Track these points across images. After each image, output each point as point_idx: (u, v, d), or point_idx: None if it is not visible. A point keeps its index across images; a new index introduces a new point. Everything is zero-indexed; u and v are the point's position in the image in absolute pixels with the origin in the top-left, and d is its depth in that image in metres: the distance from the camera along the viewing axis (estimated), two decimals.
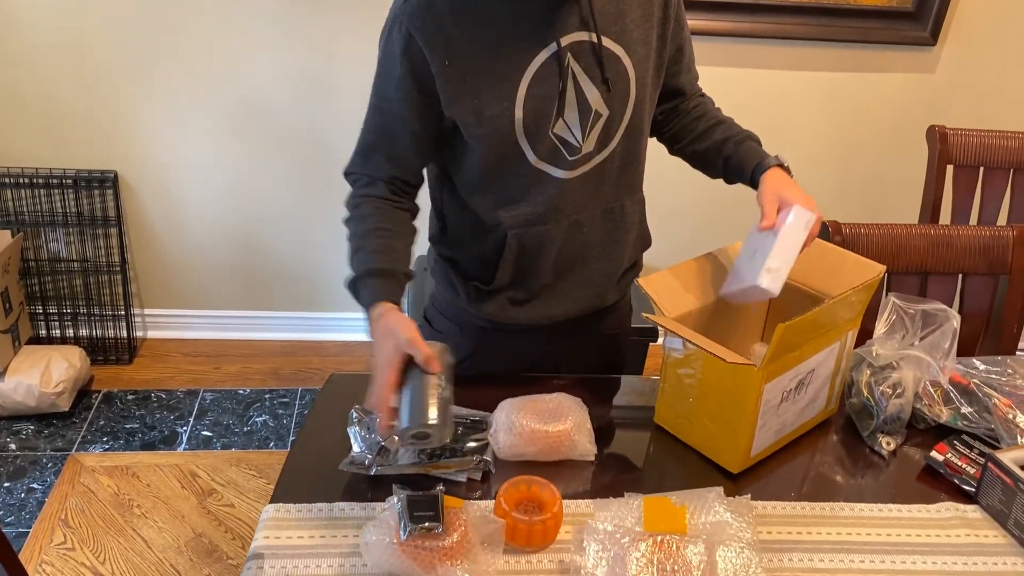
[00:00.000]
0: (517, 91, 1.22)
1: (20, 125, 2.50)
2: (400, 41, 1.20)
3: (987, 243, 1.67)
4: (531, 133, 1.25)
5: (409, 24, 1.20)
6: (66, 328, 2.75)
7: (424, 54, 1.20)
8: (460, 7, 1.20)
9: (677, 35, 1.36)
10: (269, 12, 2.39)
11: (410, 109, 1.24)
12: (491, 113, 1.23)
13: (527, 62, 1.22)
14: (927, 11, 2.51)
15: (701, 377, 1.27)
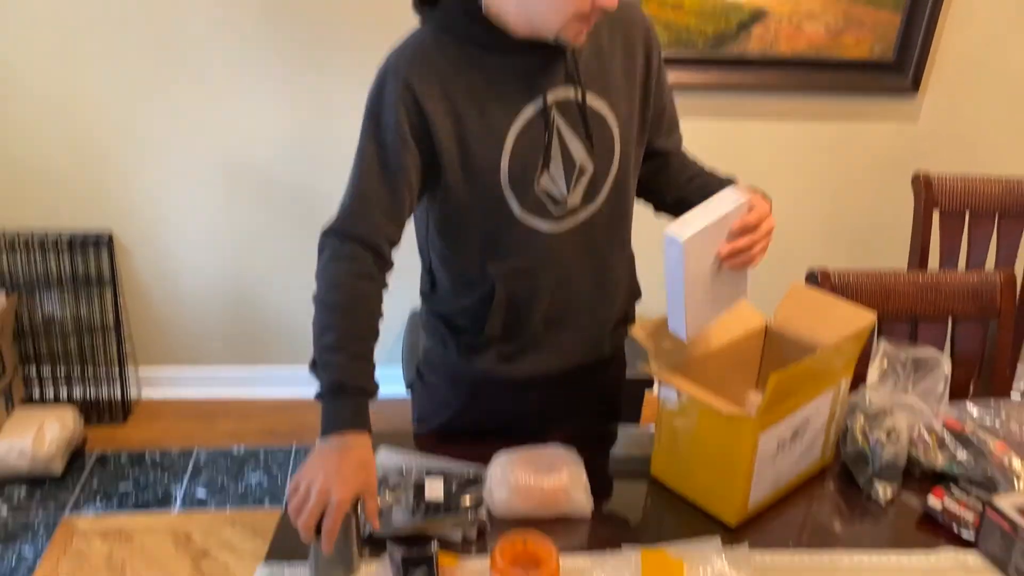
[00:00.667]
0: (504, 143, 1.25)
1: (15, 188, 2.52)
2: (395, 90, 1.22)
3: (975, 288, 1.69)
4: (516, 186, 1.27)
5: (405, 73, 1.22)
6: (60, 389, 2.74)
7: (419, 103, 1.22)
8: (453, 58, 1.24)
9: (659, 97, 1.40)
10: (262, 73, 2.43)
11: (407, 155, 1.24)
12: (479, 163, 1.25)
13: (515, 115, 1.25)
14: (907, 62, 2.57)
15: (697, 427, 1.27)
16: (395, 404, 2.89)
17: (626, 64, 1.32)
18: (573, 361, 1.46)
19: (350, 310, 1.26)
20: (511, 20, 1.23)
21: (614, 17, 1.32)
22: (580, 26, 1.20)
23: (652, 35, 1.36)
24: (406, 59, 1.23)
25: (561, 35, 1.20)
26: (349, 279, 1.26)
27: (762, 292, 1.70)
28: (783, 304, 1.43)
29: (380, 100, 1.25)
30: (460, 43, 1.25)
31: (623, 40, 1.33)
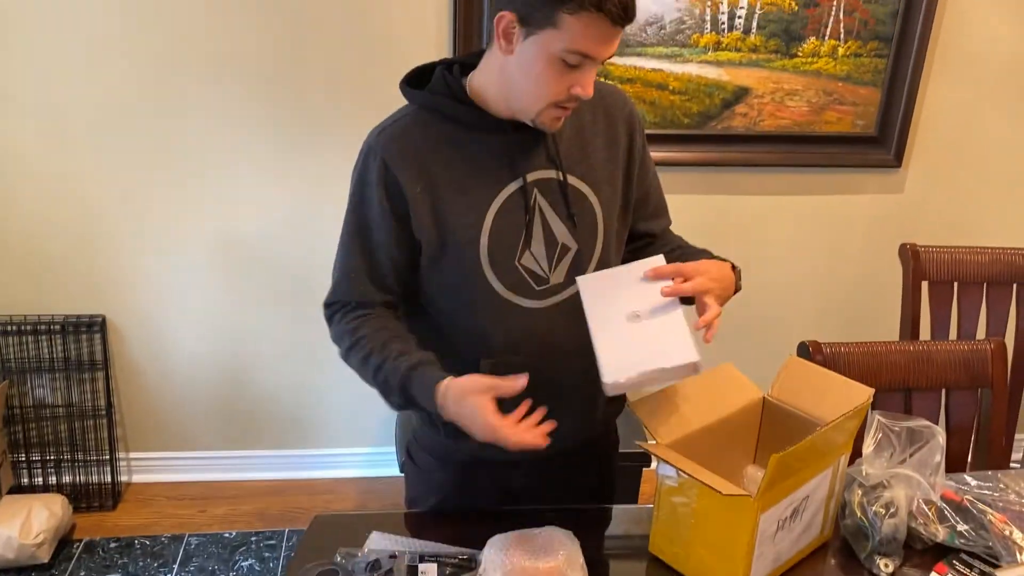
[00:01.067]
0: (484, 220, 1.28)
1: (7, 272, 2.53)
2: (376, 169, 1.27)
3: (967, 357, 1.70)
4: (496, 263, 1.29)
5: (384, 152, 1.27)
6: (49, 475, 2.70)
7: (398, 181, 1.26)
8: (432, 137, 1.28)
9: (643, 181, 1.43)
10: (256, 155, 2.47)
11: (389, 233, 1.29)
12: (458, 240, 1.28)
13: (494, 194, 1.28)
14: (889, 136, 2.62)
15: (696, 506, 1.26)
16: (388, 483, 2.87)
17: (608, 147, 1.36)
18: (563, 441, 1.44)
19: (376, 334, 1.31)
20: (492, 102, 1.28)
21: (596, 101, 1.36)
22: (557, 112, 1.24)
23: (635, 119, 1.40)
24: (386, 137, 1.28)
25: (538, 120, 1.25)
26: (364, 322, 1.33)
27: (759, 365, 1.70)
28: (780, 377, 1.43)
29: (361, 177, 1.30)
30: (443, 121, 1.29)
31: (605, 123, 1.36)
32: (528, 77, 1.20)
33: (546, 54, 1.17)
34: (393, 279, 1.34)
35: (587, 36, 1.15)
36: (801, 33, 2.47)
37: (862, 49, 2.52)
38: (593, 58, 1.18)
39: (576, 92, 1.20)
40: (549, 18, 1.14)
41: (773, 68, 2.50)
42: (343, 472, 2.88)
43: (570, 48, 1.16)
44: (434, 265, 1.31)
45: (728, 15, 2.43)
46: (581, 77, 1.19)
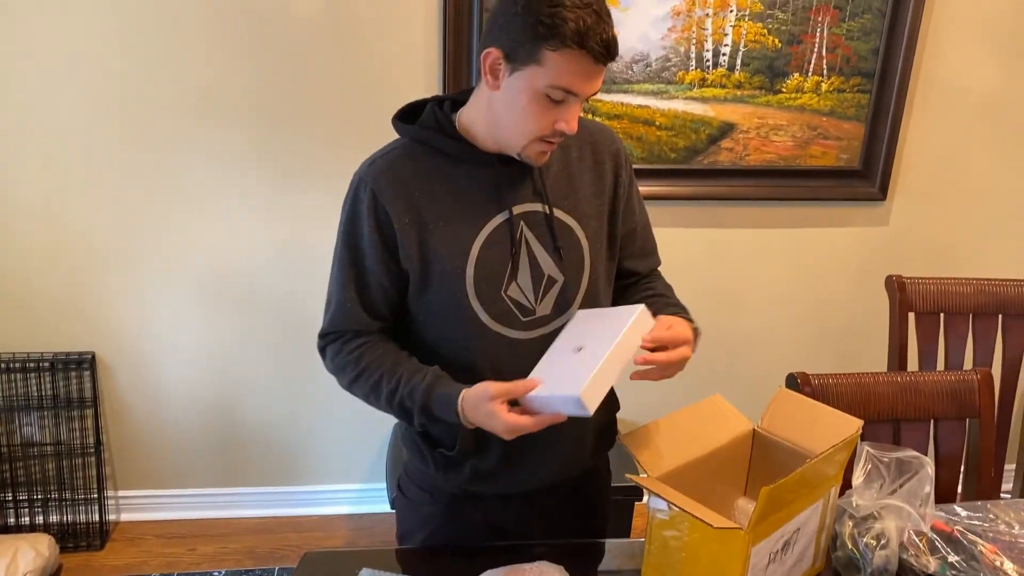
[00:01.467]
0: (470, 252, 1.30)
1: None
2: (366, 199, 1.30)
3: (954, 387, 1.71)
4: (482, 293, 1.31)
5: (373, 183, 1.30)
6: (36, 515, 2.67)
7: (387, 211, 1.29)
8: (421, 169, 1.31)
9: (628, 218, 1.45)
10: (246, 191, 2.48)
11: (380, 262, 1.32)
12: (444, 270, 1.30)
13: (480, 226, 1.31)
14: (874, 169, 2.66)
15: (688, 540, 1.26)
16: (378, 520, 2.85)
17: (595, 182, 1.39)
18: (551, 477, 1.45)
19: (380, 360, 1.35)
20: (480, 136, 1.31)
21: (585, 137, 1.39)
22: (542, 147, 1.27)
23: (621, 156, 1.43)
24: (375, 169, 1.32)
25: (524, 154, 1.28)
26: (365, 351, 1.36)
27: (748, 397, 1.71)
28: (769, 409, 1.44)
29: (352, 208, 1.33)
30: (432, 155, 1.32)
31: (592, 159, 1.39)
32: (513, 112, 1.23)
33: (531, 90, 1.20)
34: (386, 307, 1.37)
35: (570, 72, 1.17)
36: (785, 69, 2.51)
37: (845, 85, 2.56)
38: (576, 94, 1.20)
39: (560, 127, 1.23)
40: (533, 55, 1.17)
41: (758, 104, 2.54)
42: (333, 509, 2.86)
43: (553, 84, 1.18)
44: (422, 294, 1.34)
45: (713, 52, 2.47)
46: (565, 113, 1.22)
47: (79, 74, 2.33)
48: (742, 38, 2.47)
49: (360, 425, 2.77)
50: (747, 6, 2.44)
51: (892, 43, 2.52)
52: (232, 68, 2.37)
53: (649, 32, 2.43)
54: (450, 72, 2.38)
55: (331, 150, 2.46)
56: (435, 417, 1.31)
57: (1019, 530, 1.44)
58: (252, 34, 2.34)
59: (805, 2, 2.46)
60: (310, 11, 2.34)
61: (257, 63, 2.37)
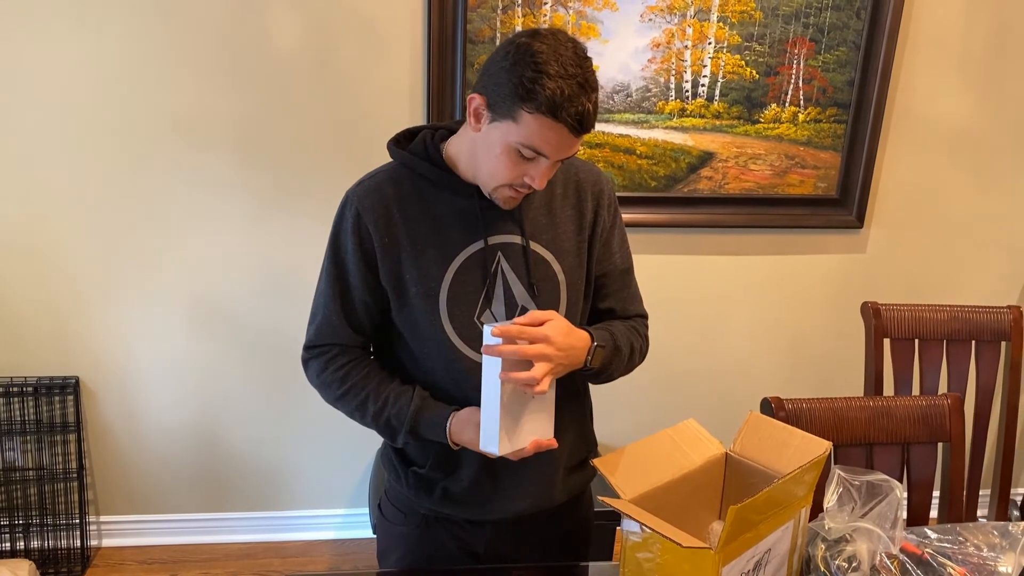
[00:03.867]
0: (444, 276, 1.34)
1: None
2: (351, 218, 1.36)
3: (925, 412, 1.74)
4: (455, 317, 1.35)
5: (358, 203, 1.36)
6: (17, 540, 2.66)
7: (369, 231, 1.35)
8: (403, 193, 1.36)
9: (606, 259, 1.47)
10: (229, 218, 2.50)
11: (362, 279, 1.37)
12: (419, 291, 1.34)
13: (456, 252, 1.35)
14: (850, 197, 2.71)
15: (660, 561, 1.27)
16: (361, 545, 2.85)
17: (576, 219, 1.42)
18: (519, 507, 1.46)
19: (365, 381, 1.41)
20: (462, 167, 1.35)
21: (570, 175, 1.43)
22: (511, 192, 1.31)
23: (604, 196, 1.44)
24: (362, 190, 1.37)
25: (493, 196, 1.32)
26: (350, 369, 1.42)
27: (726, 421, 1.74)
28: (741, 433, 1.47)
29: (338, 225, 1.39)
30: (417, 180, 1.37)
31: (575, 197, 1.43)
32: (488, 157, 1.27)
33: (505, 142, 1.24)
34: (368, 322, 1.42)
35: (542, 138, 1.21)
36: (762, 100, 2.57)
37: (821, 115, 2.61)
38: (547, 157, 1.24)
39: (528, 182, 1.27)
40: (511, 112, 1.21)
41: (736, 133, 2.59)
42: (316, 534, 2.86)
43: (525, 144, 1.22)
44: (400, 313, 1.39)
45: (692, 83, 2.52)
46: (534, 169, 1.26)
47: (63, 102, 2.35)
48: (720, 69, 2.52)
49: (343, 451, 2.78)
50: (725, 38, 2.50)
51: (867, 75, 2.58)
52: (215, 97, 2.40)
53: (629, 63, 2.48)
54: (434, 102, 2.42)
55: (315, 178, 2.49)
56: (421, 437, 1.39)
57: (988, 552, 1.46)
58: (237, 64, 2.38)
59: (782, 34, 2.52)
60: (295, 41, 2.38)
61: (241, 92, 2.40)
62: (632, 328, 1.49)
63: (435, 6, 2.34)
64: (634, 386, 2.70)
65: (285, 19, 2.36)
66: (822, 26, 2.53)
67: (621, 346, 1.42)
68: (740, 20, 2.49)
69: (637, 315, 1.54)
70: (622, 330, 1.45)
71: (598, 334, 1.37)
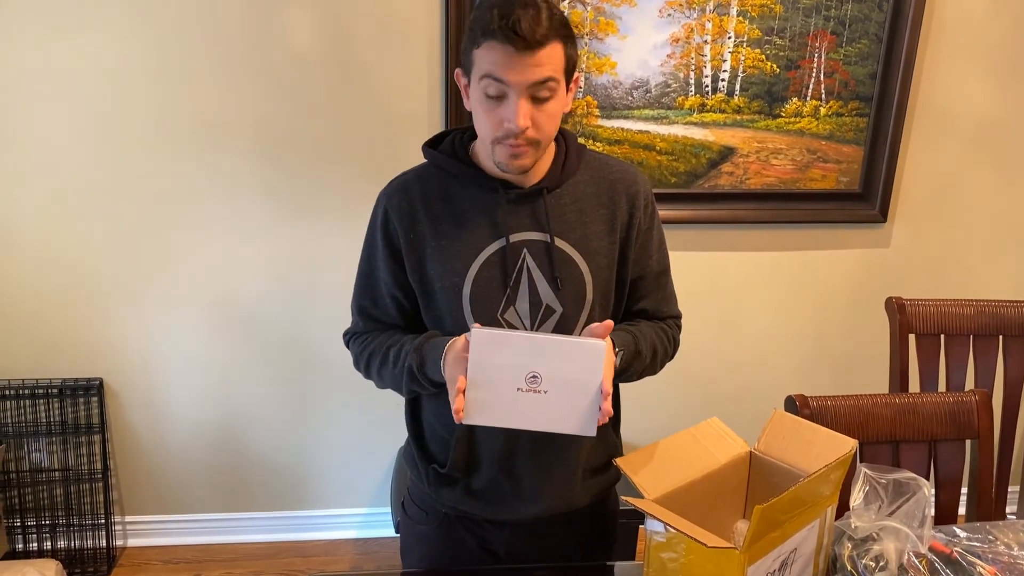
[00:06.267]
0: (467, 273, 1.35)
1: (4, 335, 2.55)
2: (380, 216, 1.39)
3: (953, 409, 1.72)
4: (478, 312, 1.35)
5: (387, 202, 1.39)
6: (44, 540, 2.69)
7: (396, 227, 1.38)
8: (429, 191, 1.38)
9: (642, 262, 1.45)
10: (251, 220, 2.51)
11: (390, 275, 1.41)
12: (443, 288, 1.36)
13: (480, 248, 1.35)
14: (873, 192, 2.68)
15: (685, 561, 1.26)
16: (383, 544, 2.85)
17: (607, 220, 1.40)
18: (540, 508, 1.46)
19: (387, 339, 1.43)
20: (483, 161, 1.37)
21: (604, 175, 1.41)
22: (507, 150, 1.29)
23: (639, 199, 1.42)
24: (392, 188, 1.41)
25: (498, 162, 1.32)
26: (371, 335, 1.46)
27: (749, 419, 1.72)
28: (766, 432, 1.45)
29: (372, 223, 1.43)
30: (443, 177, 1.39)
31: (608, 198, 1.40)
32: (476, 120, 1.31)
33: (476, 93, 1.27)
34: (397, 315, 1.45)
35: (489, 62, 1.23)
36: (783, 94, 2.54)
37: (843, 109, 2.59)
38: (502, 81, 1.23)
39: (506, 127, 1.26)
40: (470, 60, 1.26)
41: (757, 128, 2.57)
42: (339, 534, 2.87)
43: (482, 75, 1.24)
44: (427, 308, 1.41)
45: (712, 78, 2.50)
46: (505, 110, 1.25)
47: (86, 105, 2.37)
48: (740, 64, 2.50)
49: (365, 450, 2.79)
50: (745, 32, 2.47)
51: (889, 68, 2.55)
52: (237, 99, 2.41)
53: (648, 59, 2.46)
54: (453, 100, 2.42)
55: (335, 179, 2.49)
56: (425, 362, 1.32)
57: (1018, 551, 1.44)
58: (255, 64, 2.38)
59: (802, 28, 2.49)
60: (314, 41, 2.38)
61: (262, 94, 2.41)
62: (660, 330, 1.48)
63: (452, 3, 2.33)
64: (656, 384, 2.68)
65: (304, 19, 2.36)
66: (843, 18, 2.50)
67: (642, 350, 1.40)
68: (760, 14, 2.46)
69: (670, 316, 1.52)
70: (647, 333, 1.44)
71: (618, 338, 1.36)
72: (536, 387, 1.23)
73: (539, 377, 1.22)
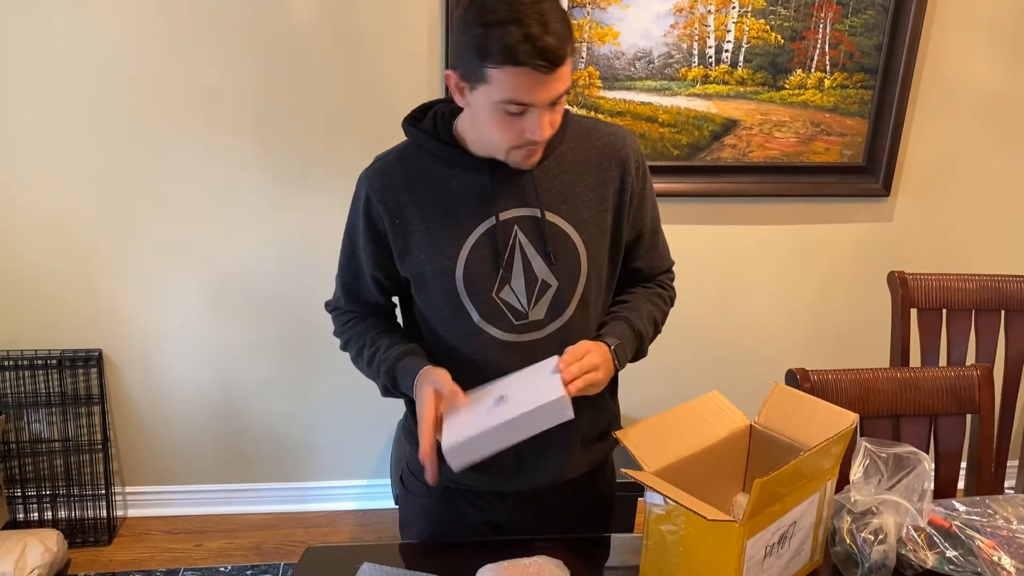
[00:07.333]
0: (459, 254, 1.33)
1: (3, 307, 2.55)
2: (362, 199, 1.37)
3: (954, 383, 1.71)
4: (473, 293, 1.34)
5: (368, 185, 1.36)
6: (44, 510, 2.70)
7: (379, 212, 1.35)
8: (414, 174, 1.35)
9: (637, 222, 1.43)
10: (249, 192, 2.50)
11: (370, 257, 1.39)
12: (435, 269, 1.34)
13: (470, 229, 1.33)
14: (877, 165, 2.66)
15: (684, 534, 1.26)
16: (383, 516, 2.86)
17: (597, 188, 1.37)
18: (540, 479, 1.46)
19: (366, 331, 1.45)
20: (471, 143, 1.33)
21: (591, 141, 1.38)
22: (523, 152, 1.27)
23: (631, 162, 1.39)
24: (373, 171, 1.38)
25: (509, 161, 1.29)
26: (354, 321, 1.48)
27: (749, 393, 1.72)
28: (766, 405, 1.45)
29: (353, 205, 1.41)
30: (426, 158, 1.35)
31: (597, 165, 1.37)
32: (485, 127, 1.25)
33: (488, 105, 1.20)
34: (379, 295, 1.45)
35: (516, 87, 1.17)
36: (787, 66, 2.52)
37: (848, 81, 2.56)
38: (532, 105, 1.19)
39: (528, 137, 1.23)
40: (480, 75, 1.18)
41: (761, 100, 2.54)
42: (339, 505, 2.88)
43: (503, 99, 1.18)
44: (420, 290, 1.39)
45: (715, 49, 2.47)
46: (528, 123, 1.22)
47: (85, 77, 2.35)
48: (744, 34, 2.47)
49: (365, 422, 2.79)
50: (749, 3, 2.44)
51: (895, 39, 2.52)
52: (237, 71, 2.38)
53: (651, 29, 2.43)
54: None
55: (334, 152, 2.48)
56: (398, 385, 1.38)
57: (1017, 525, 1.44)
58: (256, 38, 2.36)
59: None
60: (311, 12, 2.35)
61: (261, 67, 2.39)
62: (653, 297, 1.48)
63: None
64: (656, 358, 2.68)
65: None
66: None
67: (641, 330, 1.41)
68: None
69: (663, 271, 1.53)
70: (641, 306, 1.44)
71: (614, 328, 1.39)
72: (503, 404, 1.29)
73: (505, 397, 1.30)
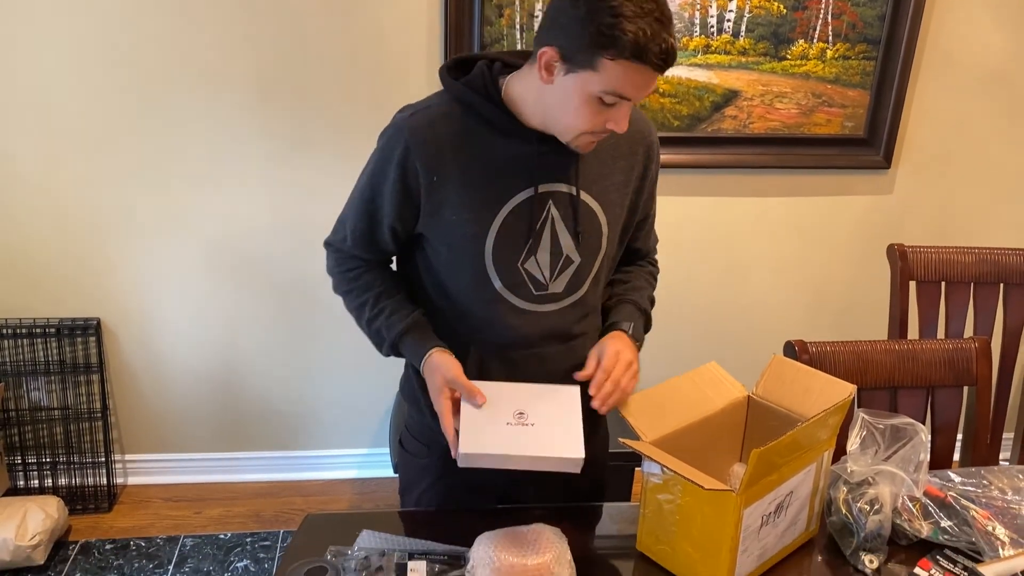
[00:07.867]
0: (493, 221, 1.32)
1: (2, 277, 2.54)
2: (399, 150, 1.31)
3: (951, 356, 1.72)
4: (499, 262, 1.34)
5: (409, 136, 1.30)
6: (45, 478, 2.71)
7: (417, 167, 1.30)
8: (458, 133, 1.31)
9: (647, 205, 1.49)
10: (252, 158, 2.48)
11: (396, 208, 1.34)
12: (464, 233, 1.32)
13: (507, 198, 1.32)
14: (878, 137, 2.64)
15: (681, 503, 1.27)
16: (382, 484, 2.88)
17: (625, 171, 1.40)
18: None
19: (371, 286, 1.43)
20: (527, 112, 1.30)
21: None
22: (591, 138, 1.28)
23: (654, 149, 1.44)
24: (414, 123, 1.32)
25: (572, 144, 1.28)
26: (360, 272, 1.45)
27: (745, 364, 1.72)
28: (764, 376, 1.45)
29: (383, 152, 1.34)
30: (472, 118, 1.32)
31: (627, 148, 1.40)
32: (565, 109, 1.24)
33: (584, 92, 1.20)
34: (391, 243, 1.41)
35: (626, 81, 1.18)
36: (789, 36, 2.49)
37: (850, 52, 2.54)
38: (631, 99, 1.21)
39: (610, 127, 1.24)
40: (590, 61, 1.17)
41: (762, 71, 2.52)
42: (338, 473, 2.90)
43: (607, 90, 1.19)
44: (437, 251, 1.37)
45: (717, 18, 2.45)
46: (616, 114, 1.23)
47: (81, 46, 2.32)
48: (747, 4, 2.45)
49: (364, 390, 2.80)
50: None
51: (899, 10, 2.50)
52: (234, 39, 2.36)
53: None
54: (452, 41, 2.37)
55: (332, 121, 2.46)
56: (402, 355, 1.43)
57: (1012, 496, 1.45)
58: (254, 5, 2.33)
59: None
60: None
61: (259, 34, 2.36)
62: (647, 275, 1.56)
63: None
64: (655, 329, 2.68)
65: None
66: None
67: (645, 309, 1.50)
68: None
69: (653, 250, 1.60)
70: (641, 286, 1.52)
71: (624, 312, 1.46)
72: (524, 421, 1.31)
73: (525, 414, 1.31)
